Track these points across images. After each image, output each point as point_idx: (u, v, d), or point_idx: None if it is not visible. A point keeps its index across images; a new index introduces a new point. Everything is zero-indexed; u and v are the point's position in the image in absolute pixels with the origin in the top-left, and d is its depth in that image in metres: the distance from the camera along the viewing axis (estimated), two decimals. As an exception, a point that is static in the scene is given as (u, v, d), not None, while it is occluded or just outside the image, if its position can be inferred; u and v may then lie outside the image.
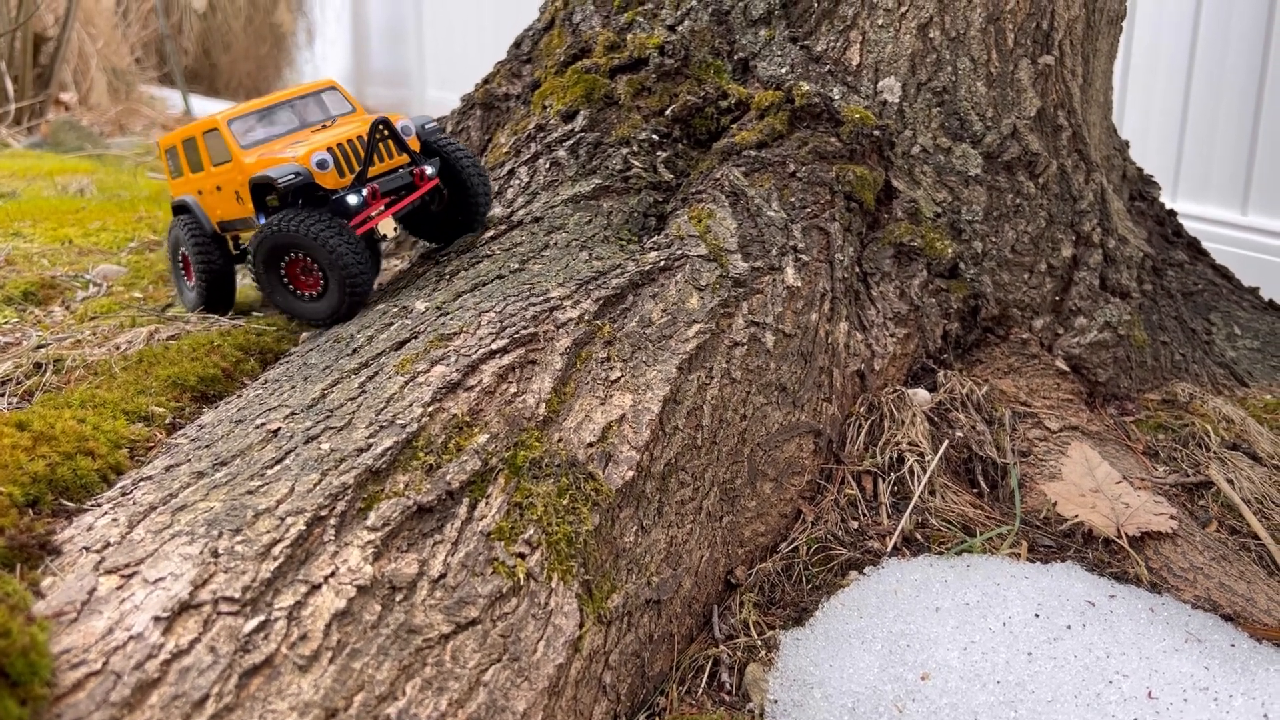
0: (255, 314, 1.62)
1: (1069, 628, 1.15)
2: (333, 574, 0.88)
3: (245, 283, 1.72)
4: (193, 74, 5.62)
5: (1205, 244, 2.02)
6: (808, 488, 1.37)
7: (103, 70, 4.99)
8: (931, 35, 1.60)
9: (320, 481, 0.95)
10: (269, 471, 0.97)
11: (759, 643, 1.12)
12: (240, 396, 1.21)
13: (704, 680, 1.08)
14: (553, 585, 0.98)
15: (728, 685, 1.07)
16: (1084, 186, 1.68)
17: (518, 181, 1.62)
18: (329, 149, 1.36)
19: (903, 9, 1.60)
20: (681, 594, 1.13)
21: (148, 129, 4.72)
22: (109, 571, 0.85)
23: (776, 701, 1.02)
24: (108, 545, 0.89)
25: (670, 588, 1.11)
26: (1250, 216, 2.47)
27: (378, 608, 0.87)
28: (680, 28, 1.69)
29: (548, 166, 1.60)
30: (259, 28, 5.61)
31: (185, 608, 0.81)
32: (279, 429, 1.05)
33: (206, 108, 5.11)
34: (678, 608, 1.13)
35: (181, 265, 1.63)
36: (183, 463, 1.04)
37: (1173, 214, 2.00)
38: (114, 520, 0.93)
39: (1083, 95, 1.73)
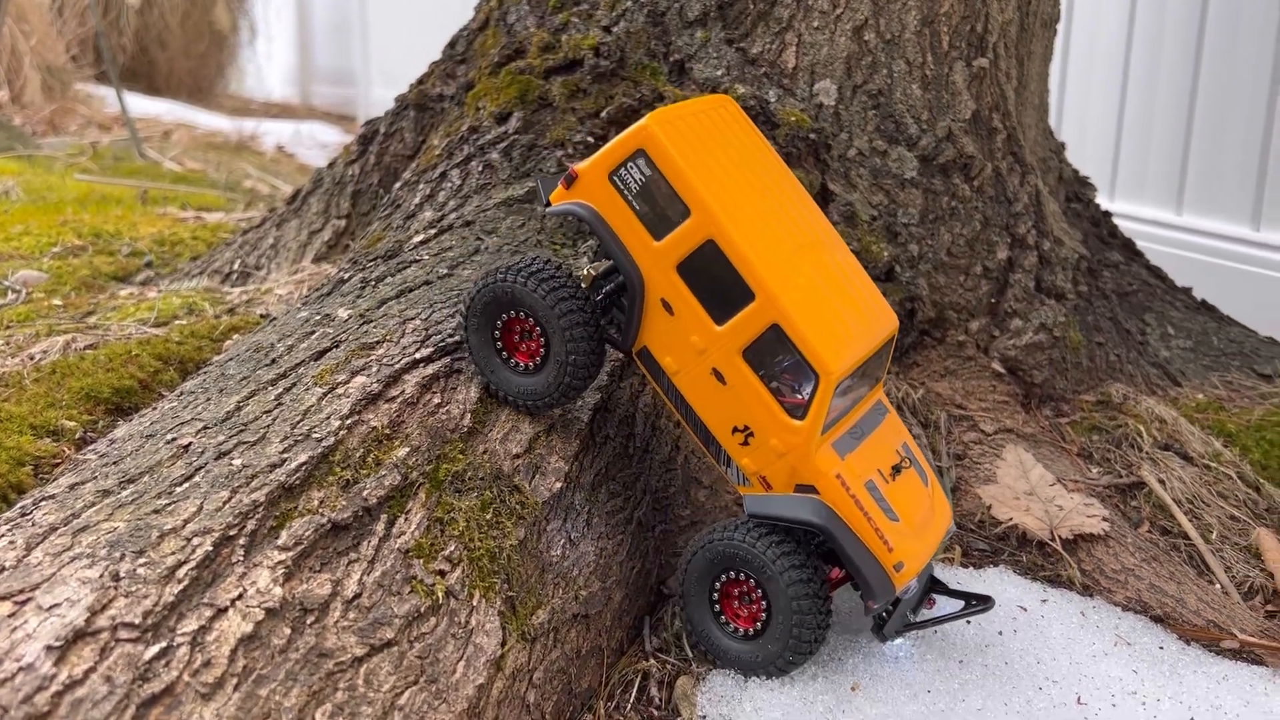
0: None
1: (1000, 634, 1.15)
2: (240, 596, 0.84)
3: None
4: (130, 72, 5.48)
5: (1141, 244, 2.03)
6: (743, 495, 1.35)
7: (36, 68, 4.86)
8: (867, 38, 1.60)
9: (230, 499, 0.92)
10: (177, 489, 0.94)
11: (690, 655, 1.11)
12: (155, 409, 1.17)
13: (633, 695, 1.06)
14: (474, 603, 0.96)
15: (657, 700, 1.05)
16: (1019, 189, 1.68)
17: (449, 184, 1.59)
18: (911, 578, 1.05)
19: (838, 11, 1.60)
20: (611, 607, 1.11)
21: (83, 128, 4.60)
22: (1, 598, 0.81)
23: (705, 716, 1.01)
24: (2, 570, 0.85)
25: (599, 601, 1.09)
26: (1185, 217, 2.50)
27: (287, 631, 0.84)
28: (616, 29, 1.67)
29: (480, 169, 1.57)
30: (197, 24, 5.49)
31: (80, 635, 0.77)
32: (190, 444, 1.01)
33: (145, 107, 4.99)
34: (608, 621, 1.11)
35: (500, 339, 1.09)
36: (88, 480, 1.00)
37: (1108, 215, 2.01)
38: (10, 543, 0.89)
39: (1017, 98, 1.73)
